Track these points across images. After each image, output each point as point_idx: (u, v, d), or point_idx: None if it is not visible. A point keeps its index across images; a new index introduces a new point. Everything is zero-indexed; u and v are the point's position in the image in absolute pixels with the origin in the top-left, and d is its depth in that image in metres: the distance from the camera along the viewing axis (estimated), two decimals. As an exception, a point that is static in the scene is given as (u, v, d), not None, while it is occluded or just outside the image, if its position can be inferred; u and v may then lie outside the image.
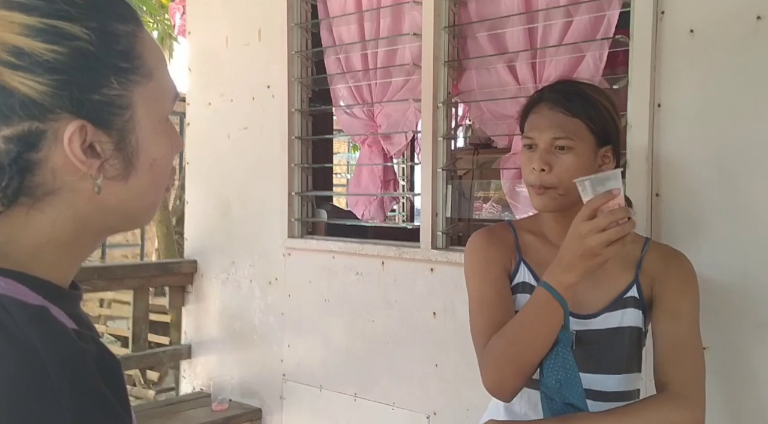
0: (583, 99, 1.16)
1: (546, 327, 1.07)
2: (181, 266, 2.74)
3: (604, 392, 1.14)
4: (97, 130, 0.54)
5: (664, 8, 1.55)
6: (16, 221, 0.54)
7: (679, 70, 1.54)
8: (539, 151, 1.15)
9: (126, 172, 0.57)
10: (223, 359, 2.62)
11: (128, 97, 0.56)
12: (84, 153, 0.53)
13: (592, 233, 0.98)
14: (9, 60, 0.50)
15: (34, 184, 0.54)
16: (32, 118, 0.51)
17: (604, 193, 0.99)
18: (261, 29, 2.44)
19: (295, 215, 2.36)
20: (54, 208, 0.55)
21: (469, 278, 1.25)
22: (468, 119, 2.98)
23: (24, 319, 0.48)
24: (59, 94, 0.52)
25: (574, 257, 1.01)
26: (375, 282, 2.13)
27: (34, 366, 0.46)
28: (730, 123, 1.47)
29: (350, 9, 2.26)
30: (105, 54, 0.54)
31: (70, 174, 0.54)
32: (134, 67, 0.56)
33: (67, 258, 0.58)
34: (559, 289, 1.04)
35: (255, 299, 2.50)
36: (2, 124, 0.51)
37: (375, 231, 2.45)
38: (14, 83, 0.50)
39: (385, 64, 2.20)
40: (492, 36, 1.95)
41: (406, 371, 2.06)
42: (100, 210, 0.57)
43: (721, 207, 1.47)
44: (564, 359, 1.07)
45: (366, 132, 2.30)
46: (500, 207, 2.38)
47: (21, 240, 0.55)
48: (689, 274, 1.19)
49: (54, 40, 0.51)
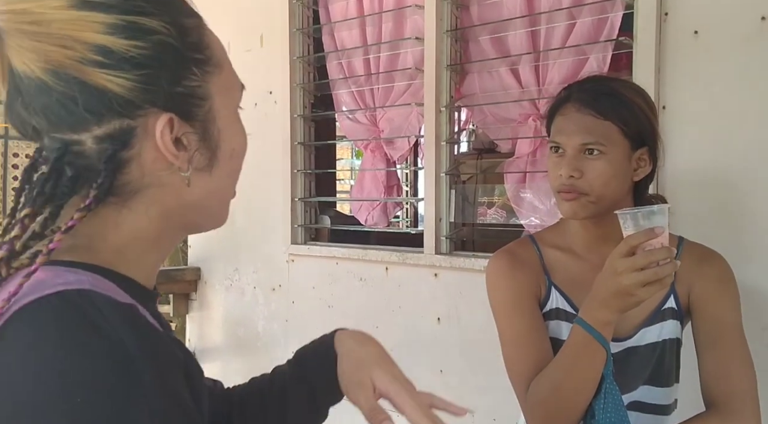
0: (614, 99, 1.06)
1: (589, 368, 0.98)
2: (185, 273, 2.73)
3: (641, 402, 1.08)
4: (183, 123, 0.55)
5: (667, 10, 1.54)
6: (105, 219, 0.55)
7: (683, 72, 1.53)
8: (567, 156, 1.06)
9: (211, 163, 0.58)
10: (228, 366, 2.61)
11: (206, 88, 0.57)
12: (174, 146, 0.54)
13: (628, 271, 0.90)
14: (96, 59, 0.50)
15: (124, 182, 0.54)
16: (123, 116, 0.52)
17: (647, 231, 0.90)
18: (263, 35, 2.44)
19: (298, 221, 2.35)
20: (141, 204, 0.55)
21: (498, 311, 1.15)
22: (471, 123, 2.97)
23: (115, 316, 0.48)
24: (147, 89, 0.52)
25: (608, 295, 0.93)
26: (379, 288, 2.12)
27: (126, 363, 0.46)
28: (736, 124, 1.46)
29: (352, 14, 2.26)
30: (183, 46, 0.55)
31: (159, 170, 0.55)
32: (207, 58, 0.57)
33: (151, 256, 0.58)
34: (597, 326, 0.95)
35: (259, 306, 2.49)
36: (95, 123, 0.52)
37: (378, 237, 2.44)
38: (104, 82, 0.51)
39: (387, 68, 2.20)
40: (494, 39, 1.95)
41: (411, 377, 2.03)
42: (185, 205, 0.57)
43: (726, 209, 1.46)
44: (614, 398, 0.99)
45: (368, 137, 2.29)
46: (504, 212, 2.37)
47: (108, 237, 0.55)
48: (726, 276, 1.10)
49: (136, 35, 0.51)
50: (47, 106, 0.51)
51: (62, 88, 0.50)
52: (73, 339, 0.46)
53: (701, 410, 1.06)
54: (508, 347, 1.13)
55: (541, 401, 1.04)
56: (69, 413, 0.43)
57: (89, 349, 0.45)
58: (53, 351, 0.45)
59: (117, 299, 0.50)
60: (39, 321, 0.47)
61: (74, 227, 0.52)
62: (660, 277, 0.89)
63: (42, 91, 0.51)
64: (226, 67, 0.59)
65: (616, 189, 1.06)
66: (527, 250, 1.17)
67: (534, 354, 1.08)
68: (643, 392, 1.09)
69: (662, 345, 1.09)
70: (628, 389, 1.07)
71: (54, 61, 0.50)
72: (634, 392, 1.08)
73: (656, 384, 1.10)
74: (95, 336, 0.46)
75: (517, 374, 1.10)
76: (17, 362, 0.45)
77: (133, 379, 0.46)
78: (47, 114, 0.51)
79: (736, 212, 1.45)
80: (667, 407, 1.11)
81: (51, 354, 0.45)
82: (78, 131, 0.52)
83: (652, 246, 0.90)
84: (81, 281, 0.50)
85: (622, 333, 1.08)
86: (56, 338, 0.45)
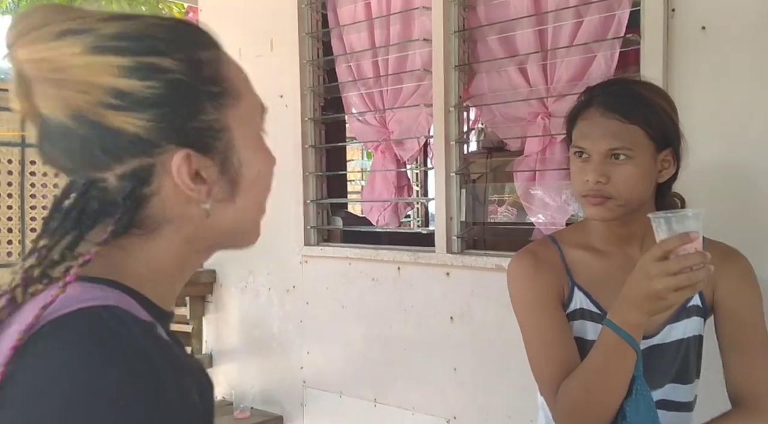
0: (638, 102, 1.05)
1: (620, 370, 0.98)
2: (201, 276, 2.76)
3: (667, 400, 1.09)
4: (201, 157, 0.56)
5: (674, 6, 1.55)
6: (129, 250, 0.57)
7: (691, 68, 1.53)
8: (594, 162, 1.04)
9: (233, 192, 0.59)
10: (244, 367, 2.64)
11: (223, 121, 0.57)
12: (192, 181, 0.55)
13: (661, 276, 0.89)
14: (112, 102, 0.52)
15: (146, 216, 0.56)
16: (141, 155, 0.54)
17: (681, 235, 0.89)
18: (273, 40, 2.46)
19: (310, 222, 2.38)
20: (165, 237, 0.57)
21: (521, 313, 1.14)
22: (480, 123, 2.98)
23: (139, 331, 0.50)
24: (162, 127, 0.54)
25: (639, 297, 0.92)
26: (391, 288, 2.14)
27: (150, 373, 0.48)
28: (745, 119, 1.46)
29: (360, 17, 2.28)
30: (196, 82, 0.56)
31: (180, 203, 0.56)
32: (224, 90, 0.58)
33: (177, 281, 0.60)
34: (627, 328, 0.95)
35: (273, 307, 2.51)
36: (115, 163, 0.54)
37: (390, 237, 2.45)
38: (120, 124, 0.53)
39: (395, 70, 2.21)
40: (502, 39, 1.96)
41: (425, 375, 2.06)
42: (212, 233, 0.59)
43: (736, 204, 1.46)
44: (645, 399, 0.99)
45: (378, 138, 2.31)
46: (515, 210, 2.38)
47: (131, 265, 0.57)
48: (748, 274, 1.10)
49: (149, 76, 0.53)
50: (70, 149, 0.54)
51: (83, 131, 0.53)
52: (102, 354, 0.48)
53: (719, 406, 1.07)
54: (534, 348, 1.12)
55: (572, 404, 1.03)
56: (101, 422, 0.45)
57: (118, 361, 0.47)
58: (85, 367, 0.47)
59: (139, 315, 0.52)
60: (70, 337, 0.49)
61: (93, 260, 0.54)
62: (693, 282, 0.89)
63: (65, 135, 0.53)
64: (245, 95, 0.61)
65: (642, 192, 1.07)
66: (549, 250, 1.16)
67: (561, 355, 1.07)
68: (668, 391, 1.09)
69: (687, 342, 1.09)
70: (655, 386, 1.07)
71: (74, 106, 0.52)
72: (660, 389, 1.08)
73: (681, 382, 1.10)
74: (123, 350, 0.48)
75: (545, 376, 1.09)
76: (50, 378, 0.47)
77: (159, 388, 0.48)
78: (71, 155, 0.54)
79: (747, 206, 1.45)
80: (690, 404, 1.12)
81: (83, 370, 0.47)
82: (101, 170, 0.54)
83: (685, 251, 0.89)
84: (108, 297, 0.52)
85: (648, 331, 1.08)
86: (87, 354, 0.47)
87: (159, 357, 0.49)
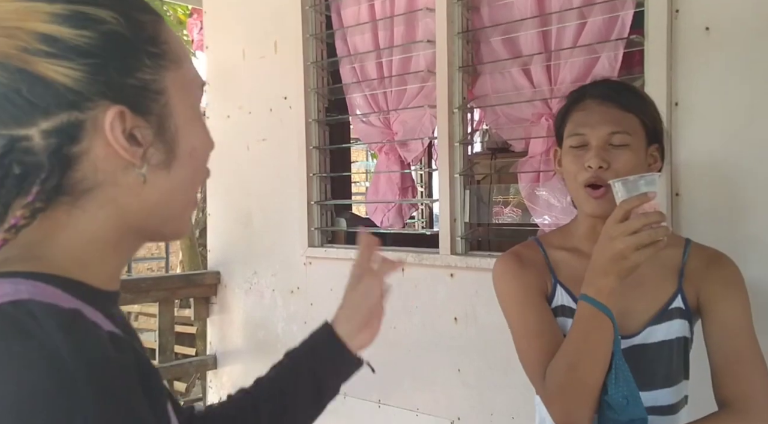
0: (635, 94, 1.10)
1: (600, 342, 0.99)
2: (205, 277, 2.77)
3: (654, 406, 1.08)
4: (136, 117, 0.53)
5: (678, 6, 1.54)
6: (56, 221, 0.53)
7: (695, 69, 1.53)
8: (594, 148, 1.05)
9: (168, 159, 0.55)
10: (249, 368, 2.65)
11: (161, 82, 0.55)
12: (127, 140, 0.52)
13: (623, 235, 0.92)
14: (41, 48, 0.49)
15: (75, 180, 0.52)
16: (71, 108, 0.50)
17: (639, 196, 0.93)
18: (277, 41, 2.47)
19: (314, 224, 2.38)
20: (95, 204, 0.53)
21: (508, 309, 1.17)
22: (484, 124, 2.98)
23: (52, 324, 0.46)
24: (95, 80, 0.50)
25: (605, 261, 0.95)
26: (395, 288, 2.12)
27: (60, 373, 0.44)
28: (749, 120, 1.45)
29: (364, 18, 2.28)
30: (135, 38, 0.53)
31: (112, 166, 0.52)
32: (163, 52, 0.55)
33: (110, 259, 0.56)
34: (600, 297, 0.97)
35: (278, 308, 2.52)
36: (41, 117, 0.50)
37: (394, 238, 2.46)
38: (49, 72, 0.49)
39: (399, 71, 2.22)
40: (505, 40, 1.96)
41: (429, 376, 2.06)
42: (143, 206, 0.55)
43: (741, 205, 1.46)
44: (623, 372, 1.00)
45: (382, 140, 2.31)
46: (520, 211, 2.38)
47: (60, 241, 0.53)
48: (734, 278, 1.10)
49: (83, 24, 0.50)
50: None
51: (7, 79, 0.49)
52: (4, 352, 0.44)
53: (712, 407, 1.06)
54: (521, 340, 1.14)
55: (559, 384, 1.03)
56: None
57: (19, 357, 0.44)
58: None
59: (59, 304, 0.48)
60: None
61: (22, 228, 0.50)
62: (653, 239, 0.91)
63: None
64: (185, 64, 0.58)
65: None
66: (532, 250, 1.19)
67: (547, 344, 1.08)
68: (654, 394, 1.09)
69: (669, 344, 1.09)
70: (641, 388, 1.06)
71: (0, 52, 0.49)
72: (647, 395, 1.07)
73: (666, 385, 1.10)
74: (28, 346, 0.44)
75: (532, 364, 1.10)
76: None
77: (66, 386, 0.44)
78: None
79: (749, 206, 1.44)
80: (674, 406, 1.11)
81: None
82: (24, 125, 0.50)
83: (644, 210, 0.93)
84: (18, 291, 0.48)
85: (630, 330, 1.09)
86: None
87: (73, 352, 0.45)
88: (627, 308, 1.08)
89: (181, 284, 2.83)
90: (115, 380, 0.47)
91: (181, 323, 3.15)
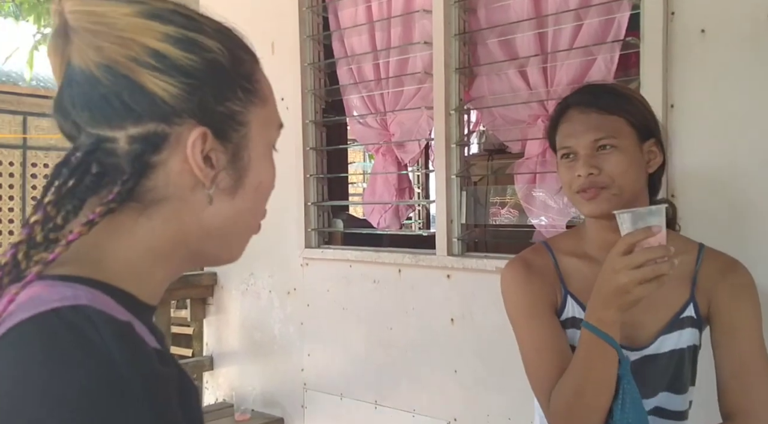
0: (614, 95, 1.09)
1: (603, 370, 0.98)
2: (202, 278, 2.77)
3: (660, 409, 1.08)
4: (216, 141, 0.56)
5: (674, 9, 1.55)
6: (120, 225, 0.55)
7: (691, 71, 1.53)
8: (581, 157, 1.05)
9: (235, 187, 0.58)
10: (245, 369, 2.64)
11: (247, 116, 0.58)
12: (203, 161, 0.55)
13: (626, 269, 0.90)
14: (148, 61, 0.53)
15: (147, 188, 0.54)
16: (160, 120, 0.53)
17: (644, 229, 0.91)
18: (274, 43, 2.47)
19: (311, 225, 2.38)
20: (160, 215, 0.56)
21: (515, 320, 1.14)
22: (481, 125, 2.98)
23: (109, 332, 0.47)
24: (189, 99, 0.54)
25: (608, 293, 0.94)
26: (392, 290, 2.14)
27: (114, 381, 0.45)
28: (744, 121, 1.46)
29: (361, 20, 2.29)
30: (233, 71, 0.57)
31: (183, 182, 0.55)
32: (254, 89, 0.60)
33: (160, 273, 0.58)
34: (602, 327, 0.96)
35: (274, 310, 2.52)
36: (131, 123, 0.53)
37: (391, 239, 2.46)
38: (149, 84, 0.53)
39: (396, 73, 2.22)
40: (502, 42, 1.96)
41: (426, 377, 2.06)
42: (202, 227, 0.58)
43: (734, 206, 1.46)
44: (632, 397, 0.99)
45: (379, 141, 2.32)
46: (517, 212, 2.38)
47: (120, 247, 0.55)
48: (747, 287, 1.08)
49: (191, 49, 0.54)
50: (91, 99, 0.53)
51: (110, 83, 0.52)
52: (62, 356, 0.45)
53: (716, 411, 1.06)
54: (529, 355, 1.12)
55: (565, 409, 1.03)
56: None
57: (77, 365, 0.45)
58: (39, 368, 0.45)
59: (114, 315, 0.50)
60: (30, 340, 0.47)
61: (95, 225, 0.52)
62: (657, 274, 0.90)
63: (91, 85, 0.53)
64: (270, 104, 0.62)
65: (635, 180, 1.06)
66: (542, 257, 1.16)
67: (555, 361, 1.07)
68: (662, 399, 1.09)
69: (680, 353, 1.08)
70: (649, 395, 1.07)
71: (109, 57, 0.52)
72: (653, 398, 1.08)
73: (675, 391, 1.09)
74: (85, 352, 0.46)
75: (539, 380, 1.09)
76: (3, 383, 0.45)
77: (120, 395, 0.45)
78: (90, 106, 0.53)
79: (745, 209, 1.45)
80: (684, 413, 1.11)
81: (36, 372, 0.45)
82: (114, 127, 0.53)
83: (649, 244, 0.91)
84: (77, 297, 0.49)
85: (641, 342, 1.08)
86: (43, 356, 0.45)
87: (128, 363, 0.46)
88: (638, 318, 1.07)
89: (178, 285, 2.81)
90: (164, 395, 0.49)
91: (178, 324, 3.15)
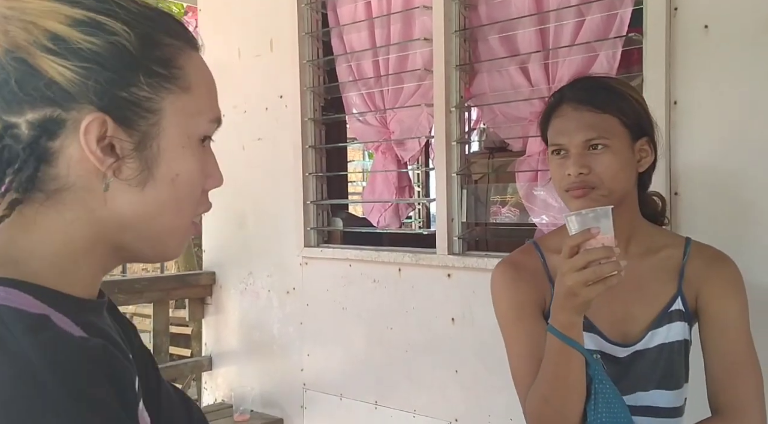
0: (609, 92, 1.07)
1: (569, 373, 0.98)
2: (200, 278, 2.75)
3: (654, 407, 1.08)
4: (119, 128, 0.54)
5: (677, 5, 1.54)
6: (27, 218, 0.54)
7: (694, 67, 1.52)
8: (572, 156, 1.05)
9: (142, 177, 0.56)
10: (244, 369, 2.63)
11: (158, 103, 0.56)
12: (102, 150, 0.53)
13: (570, 272, 0.91)
14: (46, 44, 0.52)
15: (49, 176, 0.53)
16: (55, 105, 0.52)
17: (584, 232, 0.92)
18: (272, 40, 2.45)
19: (310, 223, 2.36)
20: (67, 207, 0.55)
21: (501, 323, 1.16)
22: (482, 123, 2.96)
23: (20, 328, 0.47)
24: (85, 84, 0.52)
25: (560, 296, 0.95)
26: (392, 289, 2.13)
27: (26, 377, 0.45)
28: (747, 118, 1.45)
29: (360, 16, 2.27)
30: (141, 55, 0.55)
31: (85, 170, 0.54)
32: (171, 75, 0.56)
33: (84, 267, 0.57)
34: (563, 330, 0.96)
35: (273, 309, 2.50)
36: (28, 107, 0.52)
37: (391, 238, 2.44)
38: (45, 67, 0.52)
39: (396, 70, 2.20)
40: (503, 38, 1.94)
41: (426, 377, 2.05)
42: (113, 218, 0.56)
43: (740, 204, 1.45)
44: (604, 397, 0.99)
45: (379, 139, 2.30)
46: (518, 211, 2.36)
47: (33, 243, 0.54)
48: (734, 280, 1.09)
49: (92, 32, 0.53)
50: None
51: (11, 68, 0.52)
52: None
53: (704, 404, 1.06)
54: (512, 358, 1.13)
55: (537, 415, 1.04)
56: None
57: None
58: None
59: (27, 310, 0.49)
60: None
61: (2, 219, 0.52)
62: (600, 276, 0.90)
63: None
64: (197, 94, 0.58)
65: (625, 181, 1.06)
66: (530, 258, 1.16)
67: (533, 368, 1.07)
68: (655, 397, 1.08)
69: (669, 347, 1.08)
70: (640, 390, 1.07)
71: (12, 41, 0.52)
72: (646, 396, 1.07)
73: (667, 388, 1.08)
74: None
75: (519, 385, 1.10)
76: None
77: (33, 386, 0.45)
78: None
79: (748, 205, 1.44)
80: (678, 409, 1.10)
81: None
82: (14, 113, 0.52)
83: (591, 246, 0.91)
84: None
85: (631, 338, 1.08)
86: None
87: (41, 357, 0.46)
88: (627, 313, 1.07)
89: (176, 285, 2.81)
90: (85, 378, 0.48)
91: (176, 324, 3.14)
